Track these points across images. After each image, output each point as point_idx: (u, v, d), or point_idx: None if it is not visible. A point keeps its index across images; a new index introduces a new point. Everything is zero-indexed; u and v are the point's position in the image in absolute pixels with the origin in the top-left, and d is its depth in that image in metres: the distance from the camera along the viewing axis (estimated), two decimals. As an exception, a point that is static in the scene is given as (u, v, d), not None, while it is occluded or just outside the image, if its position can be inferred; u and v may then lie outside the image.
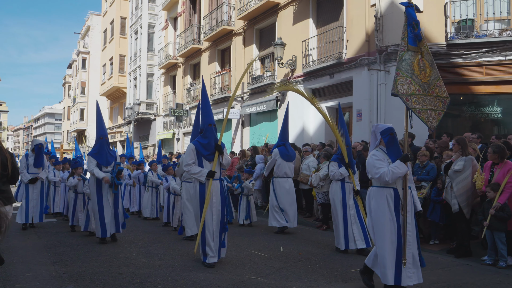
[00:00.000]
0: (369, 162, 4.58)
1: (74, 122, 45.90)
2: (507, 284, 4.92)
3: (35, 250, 6.62)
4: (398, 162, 4.39)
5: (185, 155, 5.78)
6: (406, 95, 4.51)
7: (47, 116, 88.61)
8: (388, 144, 4.60)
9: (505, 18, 10.52)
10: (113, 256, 6.13)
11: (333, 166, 6.81)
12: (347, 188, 6.66)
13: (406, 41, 4.64)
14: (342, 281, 5.02)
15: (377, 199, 4.50)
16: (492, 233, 5.76)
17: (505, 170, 5.91)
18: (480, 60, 10.34)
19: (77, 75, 45.43)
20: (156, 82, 27.06)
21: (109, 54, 34.43)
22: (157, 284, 4.75)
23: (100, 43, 38.81)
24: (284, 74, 14.80)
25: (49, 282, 4.83)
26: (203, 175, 5.55)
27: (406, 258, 4.34)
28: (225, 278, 5.01)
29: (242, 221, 9.02)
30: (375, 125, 4.82)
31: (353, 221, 6.47)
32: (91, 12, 43.88)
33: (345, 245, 6.43)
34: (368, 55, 11.51)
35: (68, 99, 51.77)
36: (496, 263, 5.72)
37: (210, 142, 5.70)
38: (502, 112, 10.66)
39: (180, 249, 6.76)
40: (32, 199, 8.50)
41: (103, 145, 7.23)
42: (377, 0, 11.34)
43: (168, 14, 25.02)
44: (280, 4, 15.17)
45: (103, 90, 35.77)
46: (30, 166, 8.47)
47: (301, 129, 14.11)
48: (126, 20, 32.03)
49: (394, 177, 4.34)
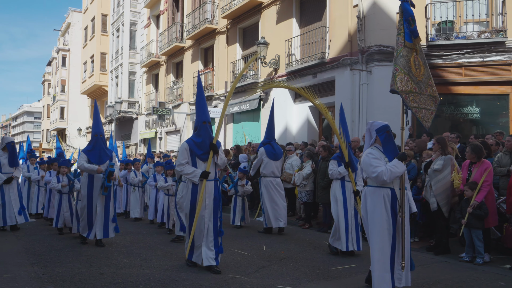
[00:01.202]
0: (365, 160, 4.39)
1: (54, 120, 45.04)
2: (484, 280, 5.05)
3: (13, 251, 6.49)
4: (396, 161, 4.22)
5: (178, 155, 5.54)
6: (404, 92, 4.38)
7: (26, 114, 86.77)
8: (385, 142, 4.44)
9: (483, 20, 10.79)
10: (94, 257, 6.06)
11: (332, 164, 6.61)
12: (347, 187, 6.44)
13: (403, 36, 4.49)
14: (324, 279, 5.08)
15: (373, 199, 4.33)
16: (469, 231, 5.90)
17: (482, 169, 6.06)
18: (459, 61, 10.60)
19: (57, 73, 44.57)
20: (138, 81, 26.79)
21: (90, 51, 33.91)
22: (138, 284, 4.72)
23: (81, 40, 38.19)
24: (268, 73, 14.85)
25: (28, 283, 4.74)
26: (196, 175, 5.29)
27: (404, 261, 4.21)
28: (208, 277, 5.02)
29: (238, 222, 8.68)
30: (370, 123, 4.66)
31: (353, 221, 6.30)
32: (71, 9, 43.14)
33: (346, 246, 6.18)
34: (351, 55, 11.64)
35: (47, 97, 50.78)
36: (473, 260, 5.87)
37: (204, 141, 5.41)
38: (480, 113, 10.95)
39: (162, 248, 6.72)
40: (9, 200, 8.03)
41: (98, 143, 6.88)
42: (360, 1, 11.49)
43: (151, 12, 24.79)
44: (264, 3, 15.21)
45: (84, 88, 35.21)
46: (3, 166, 8.01)
47: (284, 129, 14.18)
48: (107, 17, 31.59)
49: (392, 177, 4.18)
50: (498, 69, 10.50)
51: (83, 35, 37.14)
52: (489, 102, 10.90)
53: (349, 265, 5.68)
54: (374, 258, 4.26)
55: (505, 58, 10.31)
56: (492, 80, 10.58)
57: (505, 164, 6.74)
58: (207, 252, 5.27)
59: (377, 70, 11.12)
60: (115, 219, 6.98)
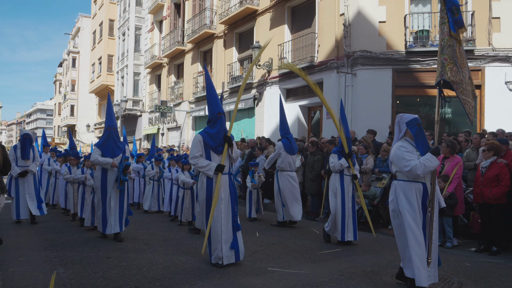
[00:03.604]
0: (397, 154, 3.94)
1: (64, 117, 44.64)
2: (453, 262, 5.14)
3: (28, 237, 6.48)
4: (429, 155, 3.82)
5: (192, 147, 4.88)
6: (455, 83, 3.90)
7: (39, 111, 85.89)
8: (416, 135, 3.98)
9: (456, 29, 10.86)
10: (101, 242, 6.07)
11: (333, 158, 6.30)
12: (346, 181, 6.15)
13: (448, 26, 3.99)
14: (311, 262, 5.13)
15: (407, 194, 3.88)
16: (441, 218, 5.98)
17: (453, 163, 6.15)
18: (434, 66, 10.66)
19: (68, 73, 44.15)
20: (142, 81, 26.65)
21: (98, 54, 33.60)
22: (142, 267, 4.74)
23: (90, 43, 37.80)
24: (261, 74, 14.84)
25: (40, 266, 4.75)
26: (211, 169, 4.71)
27: (431, 257, 3.85)
28: (206, 261, 5.03)
29: (255, 215, 8.14)
30: (400, 115, 4.18)
31: (350, 213, 6.06)
32: (81, 14, 42.68)
33: (341, 237, 6.02)
34: (337, 59, 11.66)
35: (59, 96, 50.29)
36: (444, 244, 5.98)
37: (219, 133, 4.82)
38: (452, 113, 11.07)
39: (164, 235, 6.74)
40: (23, 194, 7.46)
41: (111, 136, 6.22)
42: (346, 10, 11.51)
43: (154, 17, 24.63)
44: (258, 10, 15.17)
45: (92, 88, 34.93)
46: (18, 159, 7.48)
47: (276, 126, 14.19)
48: (114, 22, 31.30)
49: (425, 171, 3.78)
50: (468, 74, 10.58)
51: (91, 39, 36.78)
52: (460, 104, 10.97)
53: (334, 250, 5.75)
54: (414, 254, 3.78)
55: (474, 65, 10.42)
56: (463, 84, 10.67)
57: (473, 159, 6.90)
58: (227, 251, 4.75)
59: (361, 73, 11.17)
60: (130, 212, 6.41)
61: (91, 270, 4.59)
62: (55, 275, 2.58)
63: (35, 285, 4.05)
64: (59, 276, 4.35)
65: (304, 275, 4.52)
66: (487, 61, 10.42)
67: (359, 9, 11.24)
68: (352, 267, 4.86)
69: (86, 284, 4.13)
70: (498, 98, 10.20)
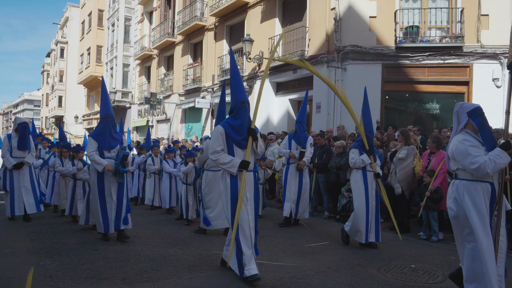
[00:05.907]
0: (460, 149, 3.41)
1: (52, 108, 43.93)
2: (438, 255, 5.23)
3: (13, 228, 6.39)
4: (499, 150, 3.29)
5: (212, 140, 4.18)
6: None
7: (26, 102, 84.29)
8: (481, 127, 3.46)
9: (445, 26, 10.97)
10: (88, 234, 6.02)
11: (353, 153, 5.62)
12: (369, 178, 5.56)
13: None
14: (299, 255, 5.16)
15: (473, 196, 3.35)
16: (427, 212, 6.08)
17: (439, 158, 6.22)
18: (423, 62, 10.77)
19: (56, 64, 43.34)
20: (131, 72, 26.33)
21: (86, 44, 33.04)
22: (129, 259, 4.72)
23: (78, 33, 37.14)
24: (252, 68, 14.78)
25: (26, 257, 4.69)
26: (234, 165, 4.04)
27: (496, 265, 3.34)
28: (193, 253, 5.04)
29: (261, 212, 7.48)
30: (460, 104, 3.65)
31: (373, 213, 5.53)
32: (69, 4, 41.78)
33: (365, 239, 5.46)
34: (328, 54, 11.67)
35: (46, 87, 49.40)
36: (429, 237, 6.07)
37: (243, 124, 4.15)
38: (440, 109, 11.20)
39: (152, 227, 6.72)
40: (18, 188, 6.84)
41: (107, 125, 5.63)
42: (337, 4, 11.49)
43: (144, 8, 24.28)
44: (249, 3, 15.06)
45: (81, 79, 34.38)
46: (14, 149, 6.83)
47: (266, 119, 14.19)
48: (103, 12, 30.76)
49: (496, 169, 3.27)
50: (456, 71, 10.75)
51: (80, 29, 36.12)
52: (448, 99, 11.12)
53: (321, 243, 5.79)
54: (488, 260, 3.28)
55: (462, 61, 10.54)
56: (450, 80, 10.83)
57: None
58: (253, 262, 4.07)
59: (351, 67, 11.20)
60: (129, 208, 5.76)
61: (77, 262, 4.55)
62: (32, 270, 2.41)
63: (21, 277, 3.99)
64: (45, 268, 4.30)
65: (292, 267, 4.55)
66: (475, 58, 10.53)
67: (350, 4, 11.24)
68: (339, 260, 4.91)
69: (73, 275, 4.09)
70: (485, 94, 10.32)
